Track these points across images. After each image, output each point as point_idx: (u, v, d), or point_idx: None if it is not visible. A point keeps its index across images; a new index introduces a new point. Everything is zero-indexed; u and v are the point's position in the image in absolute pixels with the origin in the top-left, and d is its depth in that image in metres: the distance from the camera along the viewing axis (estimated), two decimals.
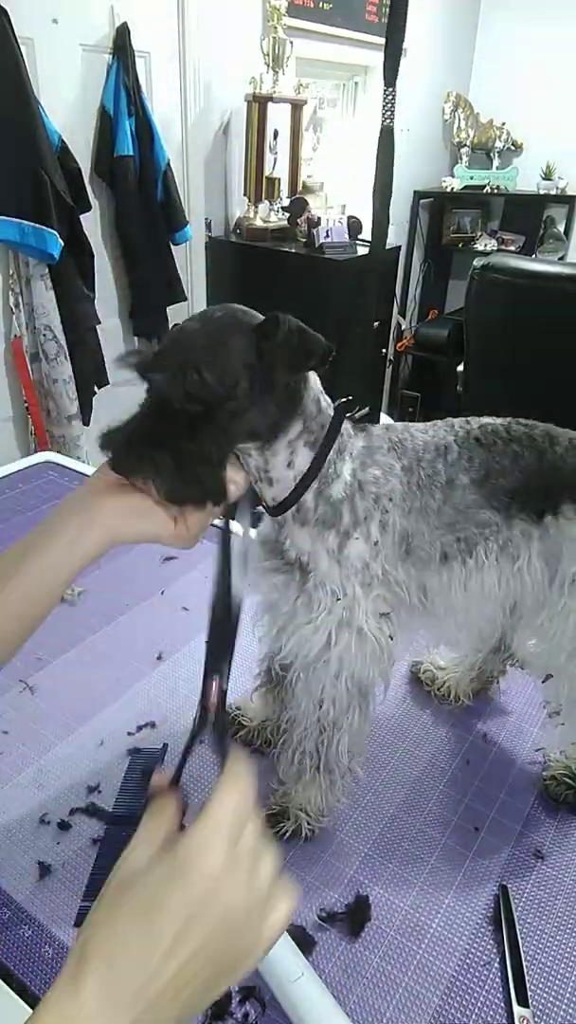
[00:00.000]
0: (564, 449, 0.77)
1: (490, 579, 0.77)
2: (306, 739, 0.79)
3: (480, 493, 0.75)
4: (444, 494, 0.74)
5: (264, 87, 2.71)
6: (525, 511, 0.76)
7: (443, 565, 0.76)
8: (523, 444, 0.76)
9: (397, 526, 0.73)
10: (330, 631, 0.72)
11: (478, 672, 1.00)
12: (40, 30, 2.04)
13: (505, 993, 0.67)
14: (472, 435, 0.77)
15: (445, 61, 4.04)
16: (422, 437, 0.76)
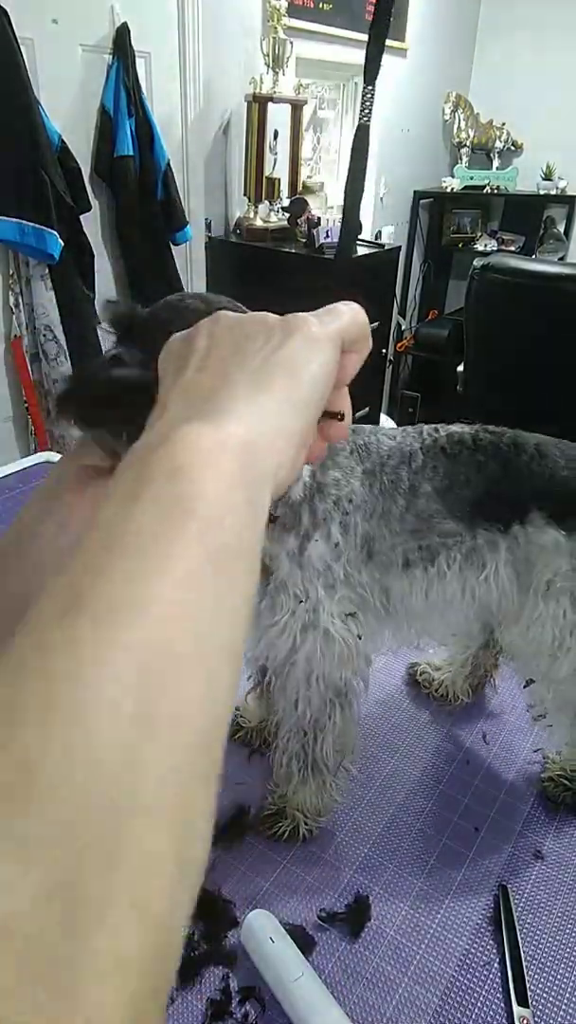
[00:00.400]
0: (530, 457, 0.76)
1: (452, 587, 0.77)
2: (291, 741, 0.79)
3: (443, 503, 0.75)
4: (407, 501, 0.74)
5: (264, 87, 2.71)
6: (489, 521, 0.76)
7: (405, 571, 0.76)
8: (488, 453, 0.76)
9: (359, 529, 0.73)
10: (295, 633, 0.72)
11: (472, 668, 1.00)
12: (40, 30, 2.04)
13: (505, 993, 0.67)
14: (439, 444, 0.77)
15: (445, 61, 4.04)
16: (388, 443, 0.76)
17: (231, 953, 0.70)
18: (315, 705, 0.76)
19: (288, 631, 0.72)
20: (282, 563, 0.72)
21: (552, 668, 0.80)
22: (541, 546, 0.76)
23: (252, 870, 0.78)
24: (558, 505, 0.75)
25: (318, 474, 0.71)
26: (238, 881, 0.77)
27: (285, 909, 0.74)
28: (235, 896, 0.75)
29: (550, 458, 0.77)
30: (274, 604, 0.72)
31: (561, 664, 0.79)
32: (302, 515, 0.71)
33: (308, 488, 0.71)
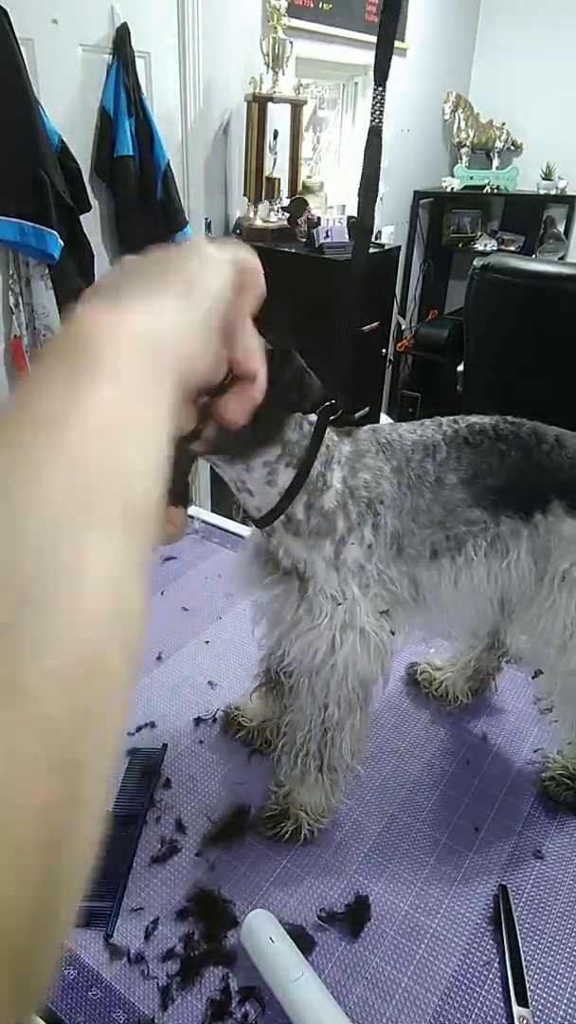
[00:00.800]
0: (551, 447, 0.77)
1: (479, 575, 0.78)
2: (309, 741, 0.79)
3: (468, 492, 0.75)
4: (433, 493, 0.74)
5: (264, 87, 2.70)
6: (512, 509, 0.77)
7: (433, 561, 0.77)
8: (510, 443, 0.77)
9: (388, 527, 0.73)
10: (334, 635, 0.72)
11: (474, 671, 1.00)
12: (40, 30, 2.04)
13: (505, 993, 0.67)
14: (460, 434, 0.77)
15: (445, 61, 4.03)
16: (410, 437, 0.76)
17: (231, 953, 0.70)
18: (344, 704, 0.76)
19: (327, 633, 0.72)
20: (318, 569, 0.72)
21: (560, 659, 0.80)
22: (560, 535, 0.76)
23: (252, 870, 0.78)
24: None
25: (349, 479, 0.72)
26: (238, 881, 0.77)
27: (285, 909, 0.74)
28: (235, 896, 0.75)
29: (570, 448, 0.77)
30: (312, 609, 0.72)
31: (570, 655, 0.79)
32: (337, 521, 0.71)
33: (340, 495, 0.71)
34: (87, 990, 0.67)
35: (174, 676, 1.04)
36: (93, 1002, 0.66)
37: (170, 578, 1.25)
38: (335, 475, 0.71)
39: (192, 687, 1.03)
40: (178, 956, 0.70)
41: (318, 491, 0.70)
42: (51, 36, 2.08)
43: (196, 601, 1.20)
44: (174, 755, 0.92)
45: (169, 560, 1.29)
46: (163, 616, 1.16)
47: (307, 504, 0.70)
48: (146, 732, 0.95)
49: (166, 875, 0.77)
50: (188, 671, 1.06)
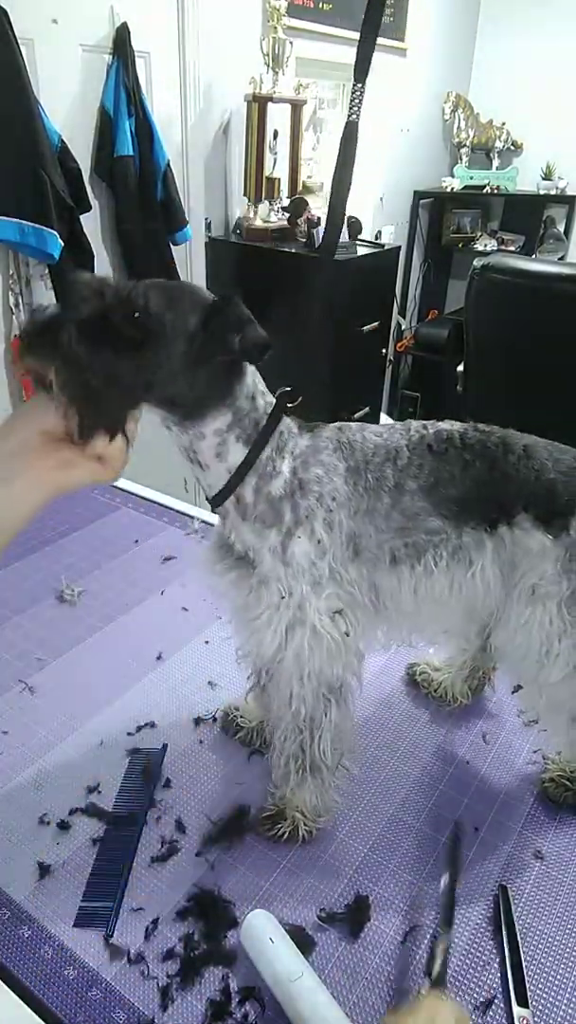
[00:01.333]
0: (517, 458, 0.76)
1: (440, 585, 0.77)
2: (287, 741, 0.79)
3: (428, 500, 0.75)
4: (392, 499, 0.74)
5: (264, 87, 2.70)
6: (476, 520, 0.76)
7: (393, 568, 0.76)
8: (475, 452, 0.76)
9: (343, 526, 0.73)
10: (282, 630, 0.72)
11: (470, 671, 1.00)
12: (40, 30, 2.04)
13: (505, 993, 0.67)
14: (426, 441, 0.77)
15: (445, 61, 4.03)
16: (374, 440, 0.76)
17: (231, 953, 0.70)
18: (309, 702, 0.76)
19: (274, 627, 0.72)
20: (264, 558, 0.73)
21: (541, 673, 0.79)
22: (527, 549, 0.76)
23: (252, 870, 0.78)
24: (545, 508, 0.75)
25: (300, 471, 0.72)
26: (238, 881, 0.77)
27: (285, 909, 0.74)
28: (235, 896, 0.75)
29: (538, 460, 0.76)
30: (259, 598, 0.73)
31: (550, 670, 0.78)
32: (283, 511, 0.71)
33: (288, 484, 0.71)
34: (87, 990, 0.67)
35: (174, 676, 1.04)
36: (93, 1002, 0.66)
37: (170, 578, 1.25)
38: (285, 464, 0.71)
39: (192, 687, 1.03)
40: (178, 956, 0.70)
41: (267, 476, 0.71)
42: (51, 36, 2.08)
43: (196, 601, 1.20)
44: (174, 755, 0.92)
45: (169, 560, 1.29)
46: (163, 616, 1.17)
47: (255, 488, 0.71)
48: (146, 732, 0.95)
49: (166, 875, 0.77)
50: (188, 671, 1.06)
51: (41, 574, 1.24)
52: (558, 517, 0.75)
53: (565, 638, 0.77)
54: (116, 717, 0.97)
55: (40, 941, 0.71)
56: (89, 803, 0.84)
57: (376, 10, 0.70)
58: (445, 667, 1.03)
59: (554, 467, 0.76)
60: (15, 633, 1.11)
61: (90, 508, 1.45)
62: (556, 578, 0.76)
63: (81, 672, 1.04)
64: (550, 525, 0.75)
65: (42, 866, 0.77)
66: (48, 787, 0.87)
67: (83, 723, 0.96)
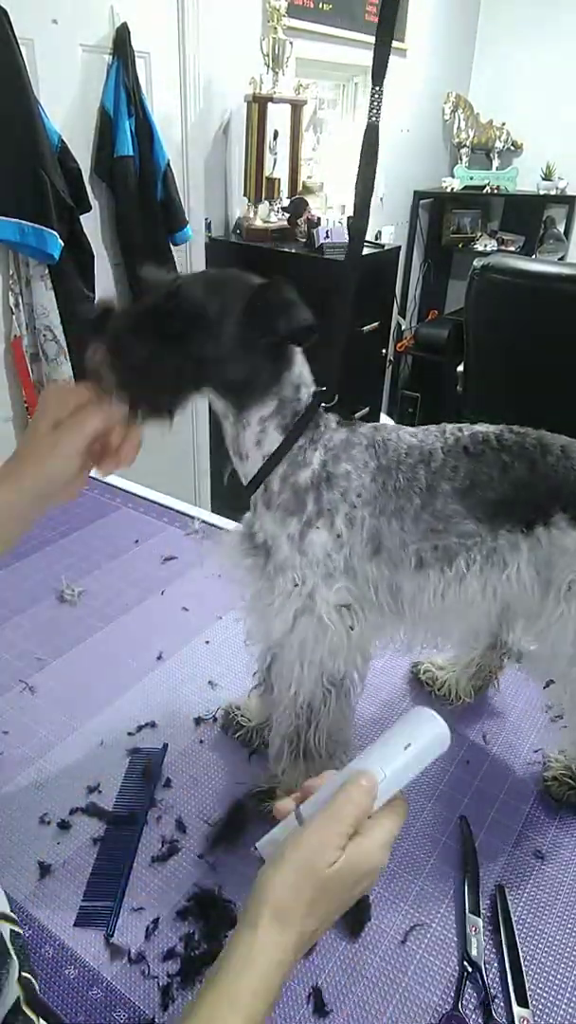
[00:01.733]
0: (556, 458, 0.76)
1: (472, 589, 0.77)
2: (285, 723, 0.80)
3: (463, 504, 0.75)
4: (423, 500, 0.74)
5: (264, 87, 2.70)
6: (511, 522, 0.75)
7: (418, 571, 0.76)
8: (513, 453, 0.76)
9: (366, 523, 0.73)
10: (290, 616, 0.73)
11: (476, 669, 1.00)
12: (40, 30, 2.04)
13: (505, 993, 0.67)
14: (461, 443, 0.76)
15: (445, 61, 4.03)
16: (408, 440, 0.76)
17: None
18: (307, 689, 0.77)
19: (283, 614, 0.73)
20: (282, 545, 0.73)
21: (572, 668, 0.79)
22: (563, 548, 0.75)
23: (252, 870, 0.77)
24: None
25: (330, 464, 0.72)
26: (238, 881, 0.77)
27: None
28: (235, 896, 0.75)
29: (575, 459, 0.76)
30: (272, 585, 0.73)
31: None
32: (307, 501, 0.72)
33: (316, 475, 0.71)
34: (87, 990, 0.67)
35: (174, 676, 1.05)
36: (93, 1002, 0.66)
37: (170, 578, 1.25)
38: (316, 455, 0.72)
39: (192, 687, 1.03)
40: (179, 956, 0.70)
41: (297, 465, 0.71)
42: (51, 36, 2.08)
43: (196, 601, 1.20)
44: (174, 755, 0.92)
45: (169, 560, 1.30)
46: (163, 616, 1.17)
47: (283, 476, 0.72)
48: (146, 732, 0.95)
49: (166, 875, 0.77)
50: (188, 671, 1.06)
51: (41, 574, 1.24)
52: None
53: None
54: (116, 717, 0.97)
55: (41, 940, 0.71)
56: (89, 803, 0.84)
57: (390, 11, 0.71)
58: (449, 665, 1.03)
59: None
60: (15, 633, 1.11)
61: (90, 508, 1.45)
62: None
63: (81, 672, 1.04)
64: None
65: (42, 866, 0.77)
66: (48, 787, 0.87)
67: (83, 723, 0.96)
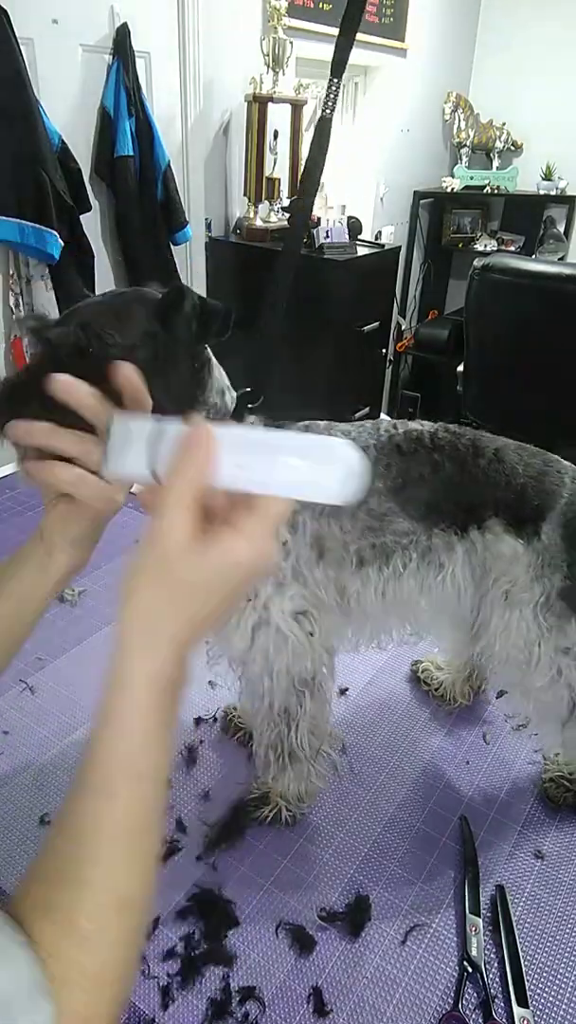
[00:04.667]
0: (488, 461, 0.75)
1: (408, 587, 0.77)
2: (266, 731, 0.80)
3: (395, 501, 0.74)
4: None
5: (264, 87, 2.70)
6: (445, 522, 0.75)
7: (359, 570, 0.76)
8: (445, 453, 0.75)
9: (308, 526, 0.73)
10: (248, 630, 0.72)
11: (470, 672, 1.00)
12: (40, 30, 2.04)
13: (505, 993, 0.67)
14: (394, 441, 0.76)
15: (445, 61, 4.03)
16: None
17: (231, 953, 0.70)
18: (280, 696, 0.77)
19: (241, 629, 0.73)
20: None
21: (525, 679, 0.79)
22: (498, 554, 0.75)
23: (252, 870, 0.78)
24: (515, 513, 0.75)
25: None
26: (238, 881, 0.77)
27: (285, 909, 0.74)
28: (235, 896, 0.75)
29: (508, 464, 0.76)
30: None
31: (534, 674, 0.78)
32: None
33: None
34: None
35: None
36: None
37: None
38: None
39: (192, 687, 1.03)
40: (179, 956, 0.70)
41: None
42: (51, 36, 2.08)
43: None
44: (174, 755, 0.92)
45: None
46: None
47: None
48: None
49: (166, 875, 0.77)
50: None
51: None
52: (528, 522, 0.75)
53: (544, 643, 0.76)
54: None
55: None
56: None
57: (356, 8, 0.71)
58: (447, 666, 1.03)
59: (524, 471, 0.76)
60: None
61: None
62: (529, 584, 0.75)
63: (81, 672, 1.04)
64: (521, 530, 0.75)
65: None
66: (48, 787, 0.87)
67: (83, 723, 0.96)
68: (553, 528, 0.74)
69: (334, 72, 0.74)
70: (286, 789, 0.82)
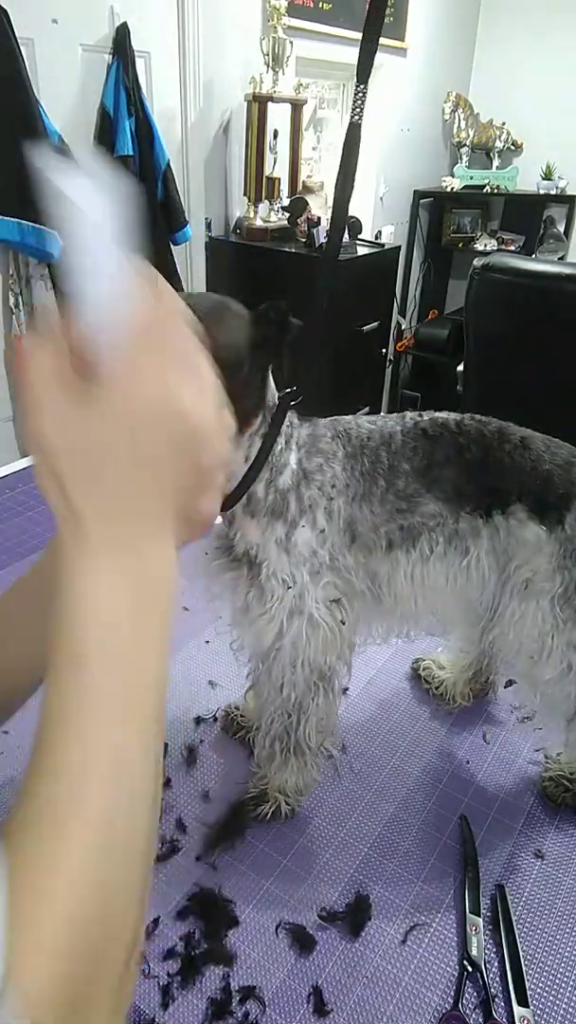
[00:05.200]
0: (513, 447, 0.76)
1: (434, 572, 0.77)
2: (274, 723, 0.81)
3: (422, 481, 0.75)
4: (387, 481, 0.74)
5: (264, 87, 2.70)
6: (471, 505, 0.76)
7: (388, 553, 0.76)
8: (471, 438, 0.76)
9: (342, 512, 0.73)
10: (282, 620, 0.73)
11: (473, 673, 1.00)
12: (40, 30, 2.04)
13: (505, 994, 0.67)
14: (420, 426, 0.77)
15: (445, 61, 4.03)
16: (368, 427, 0.77)
17: (231, 952, 0.70)
18: (300, 688, 0.77)
19: (276, 618, 0.73)
20: (271, 551, 0.73)
21: (534, 670, 0.79)
22: (522, 540, 0.76)
23: (252, 870, 0.78)
24: (539, 499, 0.75)
25: (304, 461, 0.72)
26: (238, 881, 0.77)
27: (285, 908, 0.74)
28: (235, 896, 0.75)
29: (534, 451, 0.76)
30: (263, 594, 0.73)
31: (544, 666, 0.78)
32: (290, 501, 0.72)
33: (295, 475, 0.71)
34: None
35: (174, 676, 1.04)
36: None
37: None
38: (292, 456, 0.72)
39: (192, 687, 1.03)
40: (179, 955, 0.70)
41: (278, 469, 0.71)
42: (51, 36, 2.08)
43: (196, 601, 1.19)
44: (174, 755, 0.92)
45: None
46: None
47: (267, 481, 0.71)
48: None
49: (166, 874, 0.77)
50: (188, 671, 1.06)
51: None
52: (552, 510, 0.75)
53: (558, 635, 0.77)
54: None
55: None
56: None
57: (378, 10, 0.71)
58: (450, 666, 1.03)
59: (550, 459, 0.76)
60: None
61: None
62: (550, 574, 0.76)
63: None
64: (544, 517, 0.75)
65: None
66: None
67: None
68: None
69: (360, 78, 0.74)
70: (285, 782, 0.83)
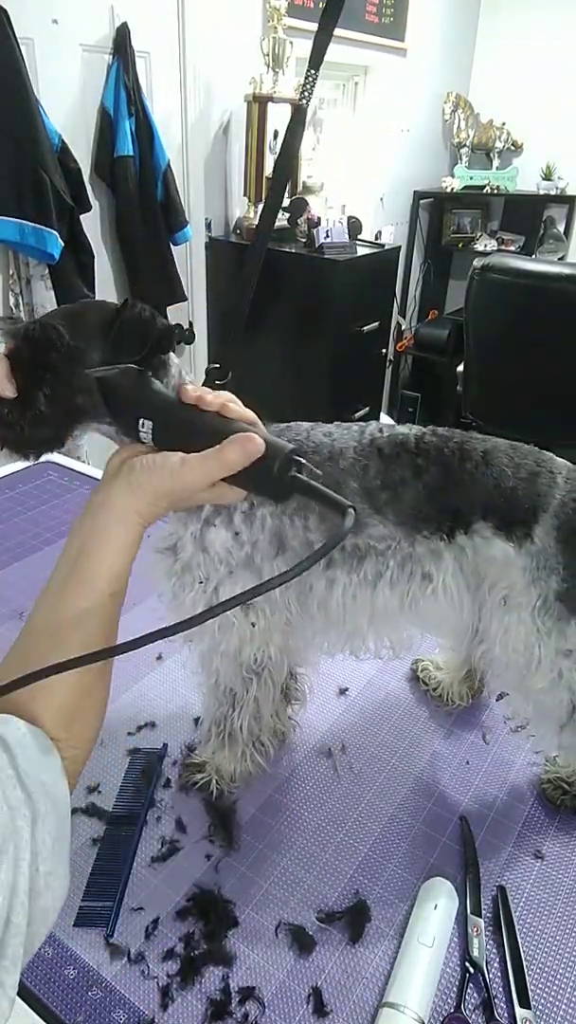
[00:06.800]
0: (475, 464, 0.74)
1: (384, 595, 0.76)
2: (212, 707, 0.82)
3: (370, 502, 0.73)
4: None
5: (264, 87, 2.70)
6: (429, 528, 0.74)
7: (325, 571, 0.75)
8: (429, 458, 0.74)
9: (267, 521, 0.73)
10: (199, 610, 0.73)
11: (467, 673, 1.00)
12: (40, 30, 2.04)
13: (506, 994, 0.67)
14: (376, 444, 0.75)
15: (445, 61, 4.03)
16: (319, 439, 0.75)
17: (231, 953, 0.70)
18: (226, 677, 0.78)
19: (194, 608, 0.73)
20: (186, 544, 0.73)
21: (525, 682, 0.79)
22: (490, 558, 0.74)
23: (252, 870, 0.78)
24: (504, 516, 0.73)
25: None
26: (238, 881, 0.77)
27: (285, 909, 0.74)
28: (235, 896, 0.75)
29: (497, 467, 0.74)
30: (182, 584, 0.74)
31: (533, 678, 0.78)
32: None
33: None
34: (87, 990, 0.67)
35: (174, 676, 1.04)
36: (93, 1002, 0.66)
37: None
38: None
39: (192, 687, 1.03)
40: (178, 956, 0.70)
41: None
42: (51, 36, 2.08)
43: None
44: (174, 755, 0.92)
45: None
46: (163, 616, 1.16)
47: None
48: (146, 732, 0.95)
49: (166, 875, 0.77)
50: (188, 671, 1.05)
51: (42, 573, 1.23)
52: (519, 525, 0.73)
53: (544, 646, 0.76)
54: (116, 717, 0.97)
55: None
56: (89, 803, 0.84)
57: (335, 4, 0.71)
58: (446, 666, 1.03)
59: (514, 474, 0.74)
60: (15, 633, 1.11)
61: None
62: (526, 587, 0.74)
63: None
64: (511, 533, 0.73)
65: None
66: None
67: None
68: (546, 530, 0.74)
69: (312, 64, 0.75)
70: (220, 767, 0.84)
